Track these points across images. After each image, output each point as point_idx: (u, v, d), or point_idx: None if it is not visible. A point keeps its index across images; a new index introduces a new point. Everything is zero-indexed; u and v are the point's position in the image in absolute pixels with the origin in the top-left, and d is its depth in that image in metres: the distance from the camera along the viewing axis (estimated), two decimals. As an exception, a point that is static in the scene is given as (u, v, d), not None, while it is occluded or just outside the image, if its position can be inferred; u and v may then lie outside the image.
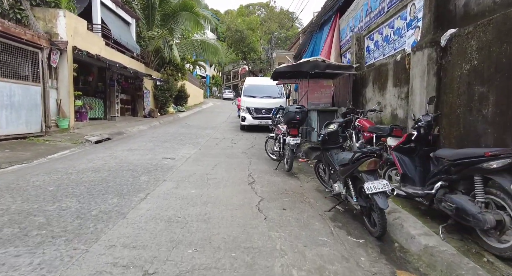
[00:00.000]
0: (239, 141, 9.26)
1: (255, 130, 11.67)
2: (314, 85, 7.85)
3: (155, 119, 14.00)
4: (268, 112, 11.11)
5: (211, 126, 12.88)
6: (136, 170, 5.18)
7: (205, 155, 6.84)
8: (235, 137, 9.98)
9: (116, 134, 9.30)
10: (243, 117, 11.25)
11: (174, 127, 12.21)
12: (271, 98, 11.46)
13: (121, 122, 11.93)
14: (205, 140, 9.04)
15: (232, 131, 11.54)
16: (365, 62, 6.81)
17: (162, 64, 17.74)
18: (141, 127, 11.31)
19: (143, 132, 10.40)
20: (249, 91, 11.70)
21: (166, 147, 7.63)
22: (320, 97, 8.05)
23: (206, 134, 10.27)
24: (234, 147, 8.14)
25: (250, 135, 10.49)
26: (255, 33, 38.80)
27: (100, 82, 11.72)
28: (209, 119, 15.69)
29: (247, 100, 11.31)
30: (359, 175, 2.82)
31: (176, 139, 9.12)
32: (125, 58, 12.66)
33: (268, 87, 11.88)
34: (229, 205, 3.61)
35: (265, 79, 13.12)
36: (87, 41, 9.79)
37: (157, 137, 9.33)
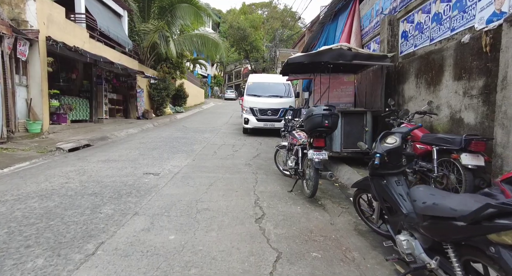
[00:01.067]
0: (242, 147, 7.83)
1: (259, 134, 10.24)
2: (332, 81, 6.42)
3: (149, 121, 12.61)
4: (275, 114, 9.68)
5: (210, 129, 11.46)
6: (103, 194, 3.76)
7: (199, 168, 5.41)
8: (237, 142, 8.55)
9: (99, 140, 7.91)
10: (245, 119, 9.82)
11: (168, 130, 10.80)
12: (278, 97, 10.02)
13: (109, 125, 10.54)
14: (201, 147, 7.61)
15: (234, 135, 10.11)
16: (400, 51, 5.36)
17: (159, 62, 16.35)
18: (130, 130, 9.92)
19: (132, 137, 9.00)
20: (253, 89, 10.27)
21: (153, 157, 6.21)
22: (340, 96, 6.60)
23: (204, 139, 8.85)
24: (236, 155, 6.71)
25: (254, 141, 9.06)
26: (258, 31, 37.40)
27: (86, 80, 10.33)
28: (208, 121, 14.27)
29: (251, 100, 9.88)
30: (491, 248, 1.37)
31: (168, 145, 7.70)
32: (114, 54, 11.27)
33: (274, 85, 10.45)
34: (227, 272, 2.18)
35: (270, 76, 11.70)
36: (66, 32, 8.41)
37: (146, 143, 7.93)
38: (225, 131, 10.85)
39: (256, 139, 9.32)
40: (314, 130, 3.40)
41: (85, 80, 10.29)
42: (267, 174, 5.13)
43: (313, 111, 3.35)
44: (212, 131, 10.69)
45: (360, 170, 5.01)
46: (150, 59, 16.07)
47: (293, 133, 4.40)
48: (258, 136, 9.80)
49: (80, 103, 9.80)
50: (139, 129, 10.59)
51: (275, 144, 8.77)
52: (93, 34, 9.88)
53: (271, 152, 7.24)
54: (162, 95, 15.02)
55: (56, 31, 7.88)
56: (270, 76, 11.81)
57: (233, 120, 14.91)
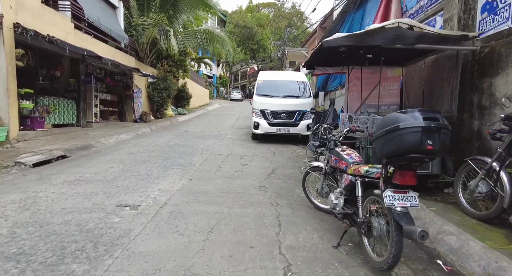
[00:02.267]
0: (252, 159, 6.29)
1: (271, 140, 8.70)
2: (372, 76, 4.86)
3: (146, 125, 11.17)
4: (290, 117, 8.14)
5: (214, 134, 9.97)
6: (29, 258, 2.27)
7: (197, 194, 3.89)
8: (246, 152, 7.02)
9: (79, 149, 6.47)
10: (255, 123, 8.29)
11: (167, 135, 9.34)
12: (294, 98, 8.46)
13: (99, 129, 9.11)
14: (202, 159, 6.10)
15: (242, 142, 8.59)
16: (482, 30, 3.75)
17: (159, 60, 14.94)
18: (122, 136, 8.47)
19: (122, 145, 7.54)
20: (263, 89, 8.73)
21: (139, 175, 4.73)
22: (382, 96, 5.01)
23: (206, 148, 7.35)
24: (246, 172, 5.18)
25: (266, 149, 7.52)
26: (265, 29, 35.89)
27: (73, 78, 8.93)
28: (213, 124, 12.78)
29: (262, 101, 8.34)
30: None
31: (162, 156, 6.22)
32: (106, 49, 9.86)
33: (288, 83, 8.90)
34: None
35: (284, 73, 10.14)
36: (43, 20, 7.00)
37: (136, 153, 6.46)
38: (232, 137, 9.34)
39: (268, 147, 7.77)
40: (403, 157, 1.82)
41: (72, 78, 8.90)
42: (292, 206, 3.57)
43: (401, 121, 1.76)
44: (217, 137, 9.19)
45: (428, 201, 3.42)
46: (150, 56, 14.66)
47: (337, 152, 2.83)
48: (270, 144, 8.26)
49: (64, 105, 8.39)
50: (133, 134, 9.15)
51: (291, 154, 7.28)
52: (79, 24, 8.47)
53: (290, 166, 5.70)
54: (163, 96, 13.59)
55: (29, 18, 6.47)
56: (284, 73, 10.27)
57: (240, 123, 13.40)
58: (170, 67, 14.97)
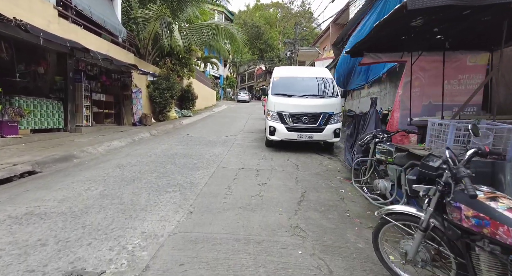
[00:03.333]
0: (271, 176, 4.87)
1: (288, 147, 7.29)
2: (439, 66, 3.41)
3: (146, 129, 9.87)
4: (313, 121, 6.71)
5: (222, 139, 8.60)
6: None
7: (197, 246, 2.50)
8: (262, 164, 5.62)
9: (56, 162, 5.16)
10: (271, 128, 6.87)
11: (167, 141, 8.01)
12: (317, 97, 7.02)
13: (89, 135, 7.83)
14: (208, 175, 4.72)
15: (254, 149, 7.20)
16: None
17: (162, 57, 13.68)
18: (115, 143, 7.16)
19: (112, 154, 6.23)
20: (280, 87, 7.32)
21: (120, 203, 3.37)
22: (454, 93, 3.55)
23: (213, 158, 5.98)
24: (266, 199, 3.76)
25: (285, 160, 6.11)
26: (273, 28, 34.52)
27: (60, 75, 7.67)
28: (220, 128, 11.42)
29: (279, 101, 6.93)
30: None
31: (157, 171, 4.86)
32: (100, 42, 8.60)
33: (311, 80, 7.47)
34: None
35: (305, 68, 8.70)
36: (18, 3, 5.74)
37: (126, 166, 5.12)
38: (242, 143, 7.95)
39: (287, 157, 6.35)
40: None
41: (58, 76, 7.64)
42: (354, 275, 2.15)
43: None
44: (225, 143, 7.81)
45: None
46: (153, 54, 13.41)
47: (481, 204, 1.38)
48: (288, 152, 6.84)
49: (48, 107, 7.12)
50: (129, 141, 7.83)
51: (318, 167, 5.63)
52: (65, 12, 7.20)
53: (323, 187, 4.22)
54: (165, 97, 12.28)
55: (-4, 1, 5.21)
56: (304, 68, 8.83)
57: (249, 127, 12.02)
58: (174, 66, 13.68)
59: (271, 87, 7.35)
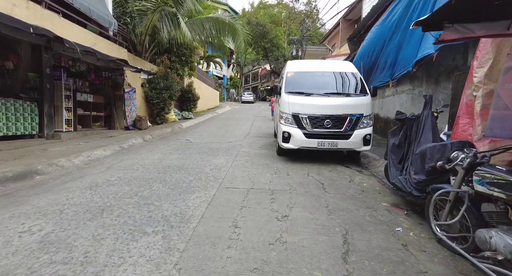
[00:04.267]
0: (292, 202, 3.56)
1: (305, 156, 5.98)
2: None
3: (139, 134, 8.64)
4: (338, 125, 5.41)
5: (225, 146, 7.33)
6: None
7: None
8: (276, 182, 4.32)
9: (9, 181, 3.93)
10: (285, 134, 5.57)
11: (162, 149, 6.76)
12: (342, 96, 5.70)
13: (69, 142, 6.60)
14: (206, 201, 3.43)
15: (264, 159, 5.91)
16: None
17: (160, 54, 12.47)
18: (98, 153, 5.92)
19: (89, 168, 4.98)
20: (296, 83, 6.01)
21: (64, 262, 2.09)
22: None
23: (214, 173, 4.70)
24: (291, 247, 2.46)
25: (304, 175, 4.80)
26: (278, 27, 33.24)
27: (35, 72, 6.47)
28: (223, 132, 10.16)
29: (294, 101, 5.62)
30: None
31: (138, 195, 3.59)
32: (85, 34, 7.39)
33: (332, 75, 6.16)
34: None
35: (323, 62, 7.37)
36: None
37: (100, 187, 3.86)
38: (249, 151, 6.66)
39: (306, 170, 5.04)
40: None
41: (32, 72, 6.44)
42: None
43: None
44: (228, 151, 6.54)
45: None
46: (150, 51, 12.21)
47: None
48: (305, 163, 5.54)
49: (18, 109, 5.91)
50: (116, 148, 6.59)
51: (349, 185, 4.05)
52: (39, -4, 5.99)
53: (371, 225, 2.68)
54: (163, 97, 11.06)
55: None
56: (323, 62, 7.51)
57: (256, 130, 10.74)
58: (173, 63, 12.47)
59: (284, 84, 6.05)
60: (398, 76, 6.98)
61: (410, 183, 3.11)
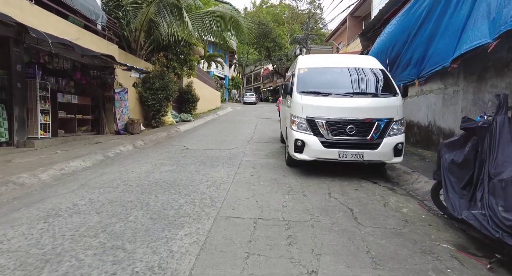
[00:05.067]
0: (317, 243, 2.55)
1: (321, 166, 4.96)
2: None
3: (131, 139, 7.67)
4: (363, 132, 4.41)
5: (226, 154, 6.34)
6: None
7: None
8: (291, 206, 3.31)
9: None
10: (297, 142, 4.56)
11: (153, 158, 5.78)
12: (368, 96, 4.68)
13: (44, 151, 5.64)
14: (197, 243, 2.43)
15: (272, 171, 4.91)
16: None
17: (155, 52, 11.52)
18: (75, 164, 4.95)
19: (59, 186, 4.00)
20: (310, 82, 5.01)
21: None
22: None
23: (210, 194, 3.70)
24: None
25: (325, 195, 3.80)
26: (281, 26, 32.26)
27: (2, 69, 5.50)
28: (224, 136, 9.18)
29: (309, 102, 4.61)
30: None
31: (106, 232, 2.58)
32: (66, 27, 6.45)
33: (352, 72, 5.13)
34: None
35: (341, 57, 6.33)
36: None
37: (61, 216, 2.87)
38: (253, 160, 5.66)
39: (325, 188, 4.03)
40: None
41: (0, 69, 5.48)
42: None
43: None
44: (230, 161, 5.54)
45: None
46: (145, 48, 11.28)
47: None
48: (321, 176, 4.52)
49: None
50: (99, 158, 5.61)
51: (385, 212, 2.89)
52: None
53: None
54: (159, 98, 10.10)
55: None
56: (341, 56, 6.50)
57: (260, 134, 9.74)
58: (170, 62, 11.51)
59: (296, 83, 5.04)
60: (427, 74, 5.96)
61: (497, 223, 2.09)
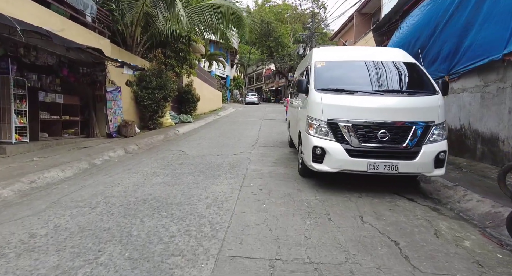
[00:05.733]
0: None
1: (341, 178, 4.13)
2: None
3: (123, 143, 6.87)
4: (399, 138, 3.57)
5: (229, 161, 5.52)
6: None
7: None
8: (316, 238, 2.50)
9: None
10: (317, 150, 3.73)
11: (145, 166, 4.97)
12: (402, 95, 3.85)
13: (15, 158, 4.84)
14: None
15: (283, 183, 4.10)
16: None
17: (153, 48, 10.73)
18: (52, 174, 4.14)
19: (20, 205, 3.19)
20: (330, 77, 4.19)
21: None
22: None
23: (210, 216, 2.89)
24: None
25: (353, 216, 2.98)
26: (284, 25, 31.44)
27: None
28: (226, 140, 8.36)
29: (330, 101, 3.79)
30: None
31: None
32: (47, 16, 5.66)
33: (380, 67, 4.30)
34: None
35: (365, 49, 5.44)
36: None
37: (4, 256, 2.06)
38: (260, 169, 4.84)
39: (353, 207, 3.20)
40: None
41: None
42: None
43: None
44: (233, 170, 4.72)
45: None
46: (142, 45, 10.48)
47: None
48: (343, 190, 3.69)
49: None
50: (83, 166, 4.80)
51: (442, 246, 2.05)
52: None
53: None
54: (156, 98, 9.30)
55: None
56: (364, 49, 5.66)
57: (264, 136, 8.93)
58: (169, 59, 10.71)
59: (313, 79, 4.21)
60: (463, 70, 5.13)
61: None
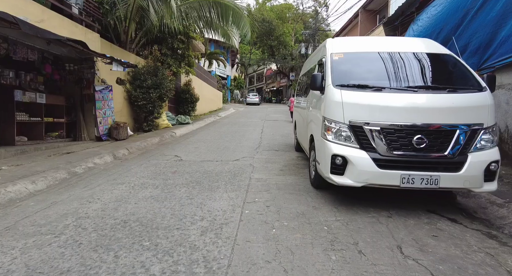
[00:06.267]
0: None
1: (359, 190, 3.43)
2: None
3: (113, 147, 6.17)
4: (438, 145, 2.85)
5: (229, 167, 4.82)
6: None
7: None
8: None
9: None
10: (337, 159, 3.04)
11: (133, 176, 4.27)
12: (441, 92, 3.14)
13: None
14: None
15: (294, 199, 3.40)
16: None
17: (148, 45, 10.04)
18: (16, 188, 3.45)
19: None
20: (351, 72, 3.51)
21: None
22: None
23: (206, 248, 2.19)
24: None
25: (389, 250, 2.28)
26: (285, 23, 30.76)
27: None
28: (227, 142, 7.66)
29: (353, 99, 3.10)
30: None
31: None
32: (23, 3, 4.98)
33: (409, 59, 3.58)
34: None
35: (389, 39, 4.64)
36: None
37: None
38: (266, 179, 4.13)
39: (386, 234, 2.50)
40: None
41: None
42: None
43: None
44: (234, 180, 4.02)
45: None
46: (137, 41, 9.80)
47: None
48: (369, 208, 2.99)
49: None
50: (61, 176, 4.11)
51: None
52: None
53: None
54: (151, 98, 8.61)
55: None
56: (385, 39, 4.93)
57: (268, 139, 8.22)
58: (165, 57, 10.03)
59: (330, 73, 3.50)
60: (499, 64, 4.43)
61: None
